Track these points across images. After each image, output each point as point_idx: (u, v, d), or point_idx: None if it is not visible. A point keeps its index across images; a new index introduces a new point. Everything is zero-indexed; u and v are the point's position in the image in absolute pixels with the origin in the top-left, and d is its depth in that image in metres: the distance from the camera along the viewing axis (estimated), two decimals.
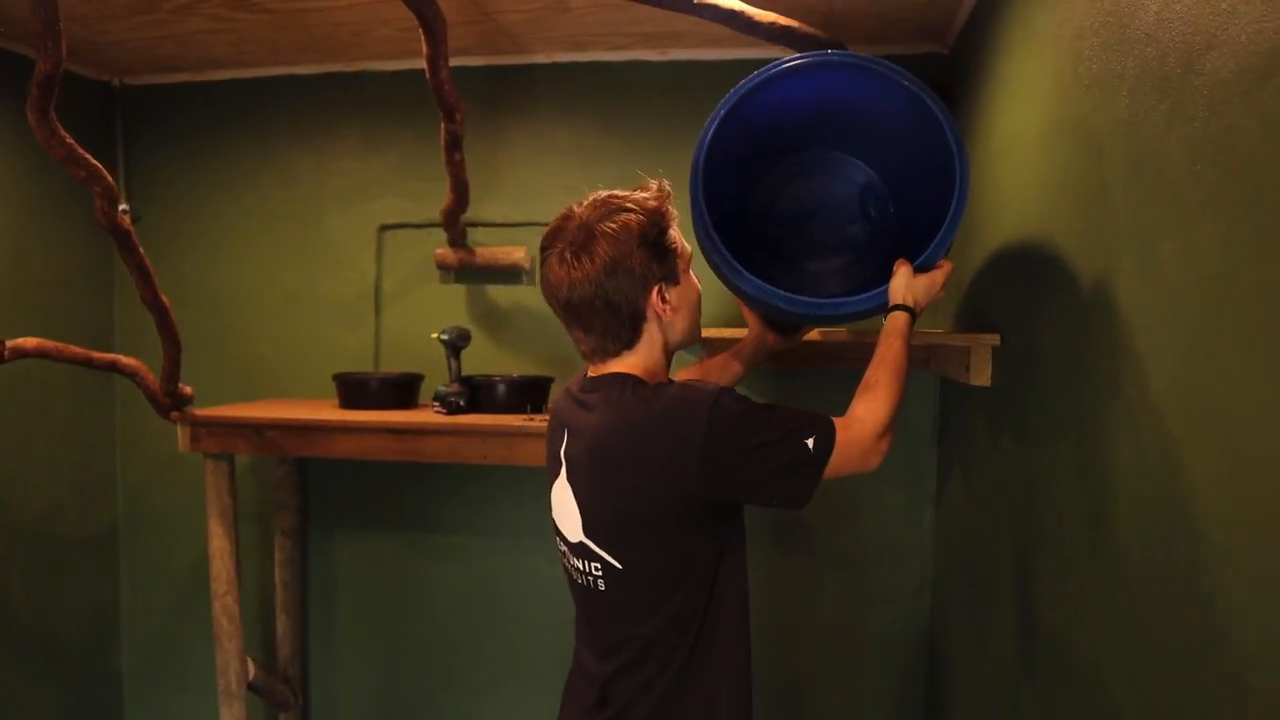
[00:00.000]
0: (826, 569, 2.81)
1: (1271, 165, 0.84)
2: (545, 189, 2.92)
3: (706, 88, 2.81)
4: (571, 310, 1.34)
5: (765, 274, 1.71)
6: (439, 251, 2.93)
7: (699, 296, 1.45)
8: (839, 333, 2.16)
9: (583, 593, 1.39)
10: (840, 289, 2.06)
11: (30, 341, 2.36)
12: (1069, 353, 1.50)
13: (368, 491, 3.07)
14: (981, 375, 2.06)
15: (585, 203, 1.35)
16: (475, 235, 2.94)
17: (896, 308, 1.55)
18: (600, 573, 1.32)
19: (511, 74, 2.94)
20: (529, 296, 2.94)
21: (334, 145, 3.07)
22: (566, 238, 1.32)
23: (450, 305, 2.99)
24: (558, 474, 1.41)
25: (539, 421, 2.36)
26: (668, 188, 1.37)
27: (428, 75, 2.32)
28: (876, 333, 1.61)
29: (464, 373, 2.62)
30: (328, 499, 3.10)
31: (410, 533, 3.06)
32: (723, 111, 1.72)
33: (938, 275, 1.60)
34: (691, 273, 1.43)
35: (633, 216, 1.30)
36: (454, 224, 2.79)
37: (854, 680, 2.83)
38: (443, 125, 2.50)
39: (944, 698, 2.53)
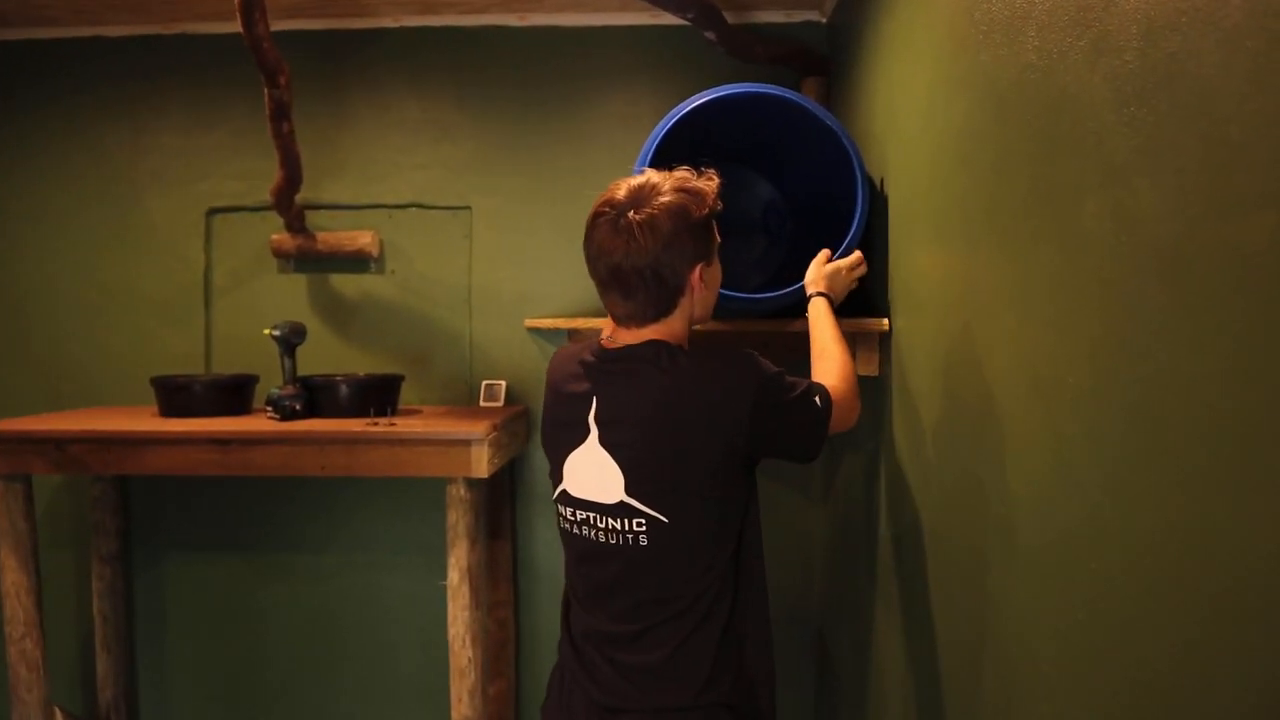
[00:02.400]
0: None
1: (1234, 93, 0.67)
2: (394, 167, 2.65)
3: (570, 55, 2.61)
4: (619, 276, 1.39)
5: None
6: (275, 238, 2.62)
7: (720, 280, 1.56)
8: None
9: (615, 554, 1.42)
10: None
11: None
12: (960, 341, 1.34)
13: (197, 509, 2.73)
14: (869, 364, 1.91)
15: (651, 177, 1.42)
16: (317, 220, 2.64)
17: (814, 295, 1.70)
18: (644, 528, 1.39)
19: (354, 40, 2.65)
20: (379, 286, 2.66)
21: (153, 117, 2.72)
22: (631, 206, 1.38)
23: (290, 298, 2.68)
24: (580, 441, 1.45)
25: (385, 426, 2.10)
26: (718, 179, 1.46)
27: (242, 30, 2.02)
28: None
29: (301, 373, 2.33)
30: (153, 519, 2.75)
31: (246, 553, 2.73)
32: (670, 123, 1.88)
33: (841, 262, 1.75)
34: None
35: (692, 199, 1.39)
36: (287, 205, 2.49)
37: None
38: (266, 91, 2.20)
39: (834, 697, 2.39)
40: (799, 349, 2.45)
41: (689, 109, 1.90)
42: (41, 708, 2.28)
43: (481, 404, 2.54)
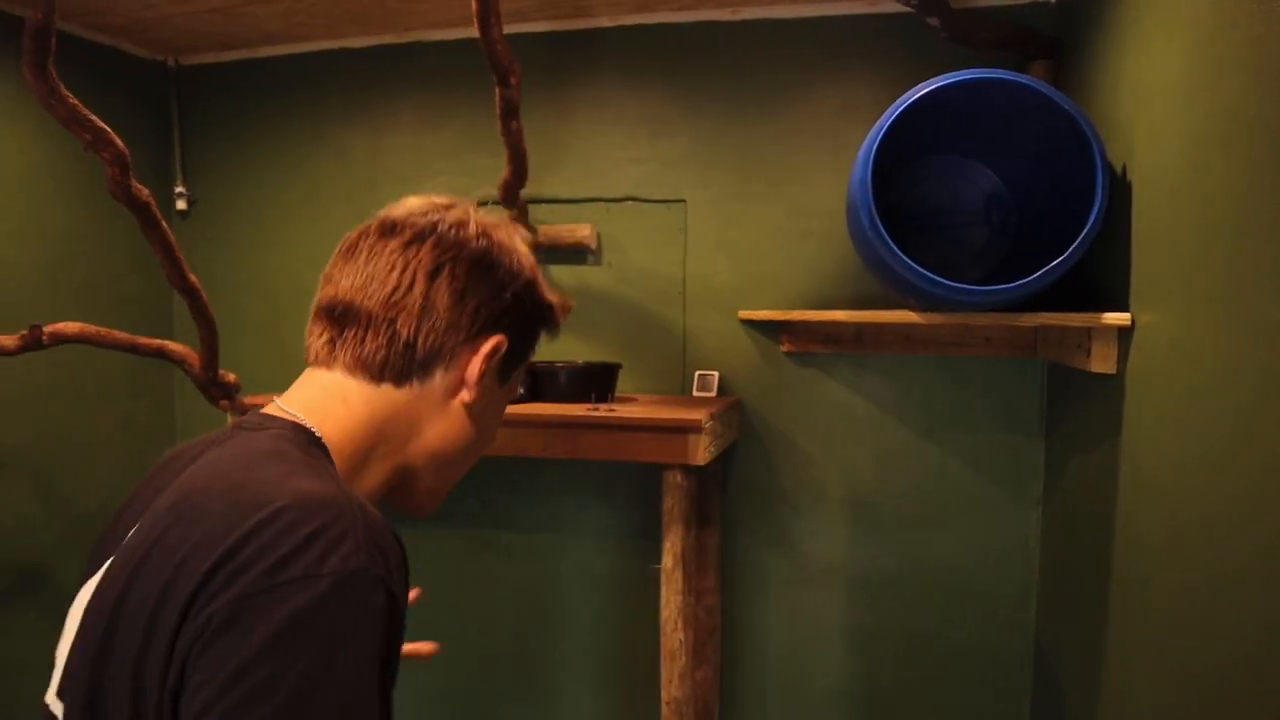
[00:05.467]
0: (919, 575, 2.57)
1: None
2: (611, 163, 2.73)
3: (782, 48, 2.61)
4: None
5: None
6: None
7: None
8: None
9: None
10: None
11: (71, 326, 2.25)
12: (1221, 336, 1.25)
13: None
14: (1105, 361, 1.81)
15: None
16: (537, 213, 2.76)
17: None
18: None
19: (573, 40, 2.75)
20: (596, 278, 2.75)
21: (388, 121, 2.93)
22: None
23: None
24: None
25: (606, 412, 2.17)
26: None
27: (478, 33, 2.14)
28: None
29: None
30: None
31: (464, 528, 2.91)
32: (899, 110, 1.87)
33: None
34: None
35: None
36: (513, 199, 2.61)
37: (950, 697, 2.59)
38: (497, 90, 2.31)
39: (1054, 709, 2.28)
40: (1022, 344, 2.38)
41: (918, 96, 1.86)
42: None
43: (694, 394, 2.58)
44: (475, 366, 0.94)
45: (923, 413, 2.54)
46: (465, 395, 0.94)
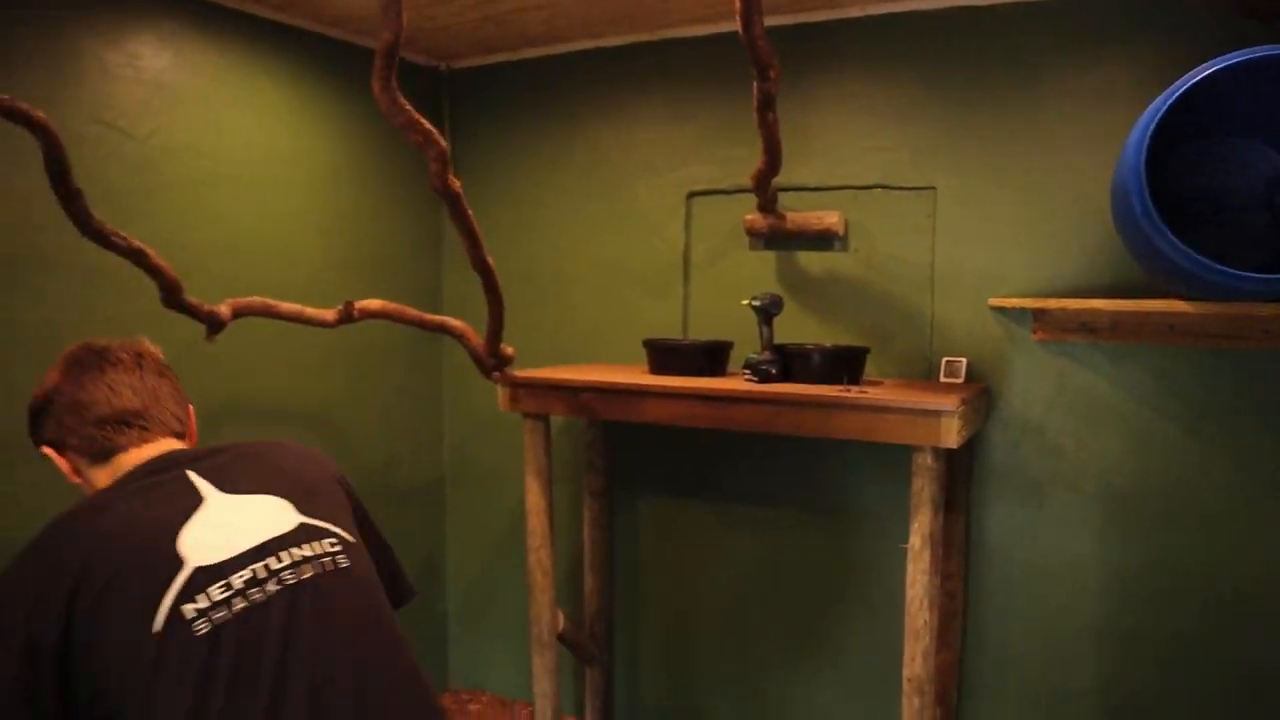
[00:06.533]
0: (1179, 575, 2.47)
1: None
2: (859, 151, 2.77)
3: (1036, 32, 2.56)
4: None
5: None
6: (748, 218, 2.87)
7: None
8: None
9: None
10: None
11: (374, 303, 2.55)
12: None
13: (671, 458, 3.09)
14: None
15: None
16: (786, 200, 2.85)
17: None
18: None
19: (820, 31, 2.81)
20: (843, 264, 2.81)
21: (641, 115, 3.10)
22: None
23: (759, 273, 2.92)
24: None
25: (857, 394, 2.24)
26: None
27: (740, 30, 2.24)
28: None
29: (775, 341, 2.55)
30: (633, 464, 3.16)
31: (711, 503, 3.05)
32: (1178, 91, 1.84)
33: None
34: None
35: None
36: (765, 188, 2.71)
37: (1214, 710, 2.47)
38: (755, 84, 2.41)
39: None
40: None
41: (1200, 78, 1.81)
42: (550, 607, 2.73)
43: (942, 380, 2.60)
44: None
45: (1185, 406, 2.44)
46: None
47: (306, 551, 1.30)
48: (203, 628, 1.15)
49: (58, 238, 2.26)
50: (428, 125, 1.87)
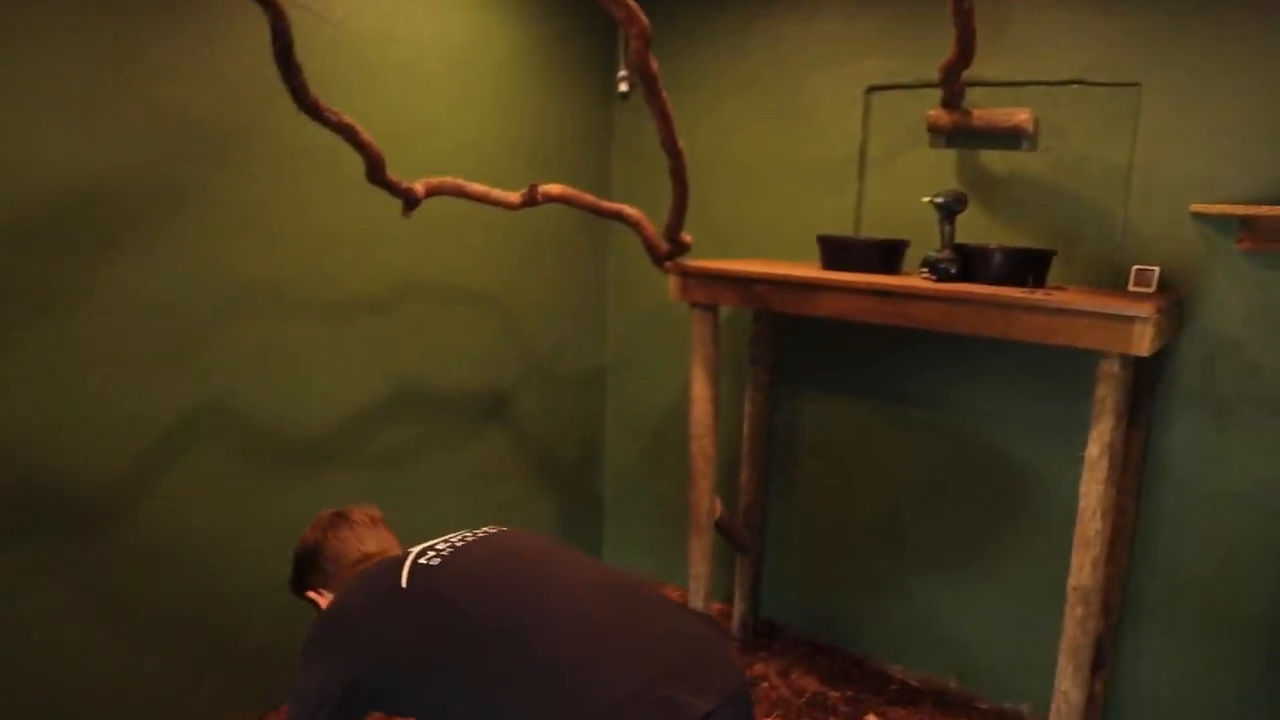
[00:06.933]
0: None
1: None
2: (1054, 45, 2.62)
3: None
4: None
5: None
6: (931, 113, 2.78)
7: None
8: None
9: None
10: None
11: (555, 188, 2.61)
12: None
13: (836, 357, 3.09)
14: None
15: None
16: (973, 96, 2.73)
17: None
18: None
19: None
20: (1029, 164, 2.69)
21: (822, 5, 3.00)
22: None
23: (939, 171, 2.83)
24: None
25: (1040, 296, 2.17)
26: None
27: None
28: None
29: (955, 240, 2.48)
30: (797, 360, 3.17)
31: (875, 401, 3.04)
32: None
33: None
34: None
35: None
36: (953, 81, 2.61)
37: None
38: None
39: None
40: None
41: None
42: (709, 494, 2.81)
43: (1130, 289, 2.49)
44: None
45: None
46: None
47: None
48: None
49: (264, 117, 2.42)
50: (632, 3, 1.88)
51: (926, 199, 2.48)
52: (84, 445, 2.22)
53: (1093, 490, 2.17)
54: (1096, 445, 2.15)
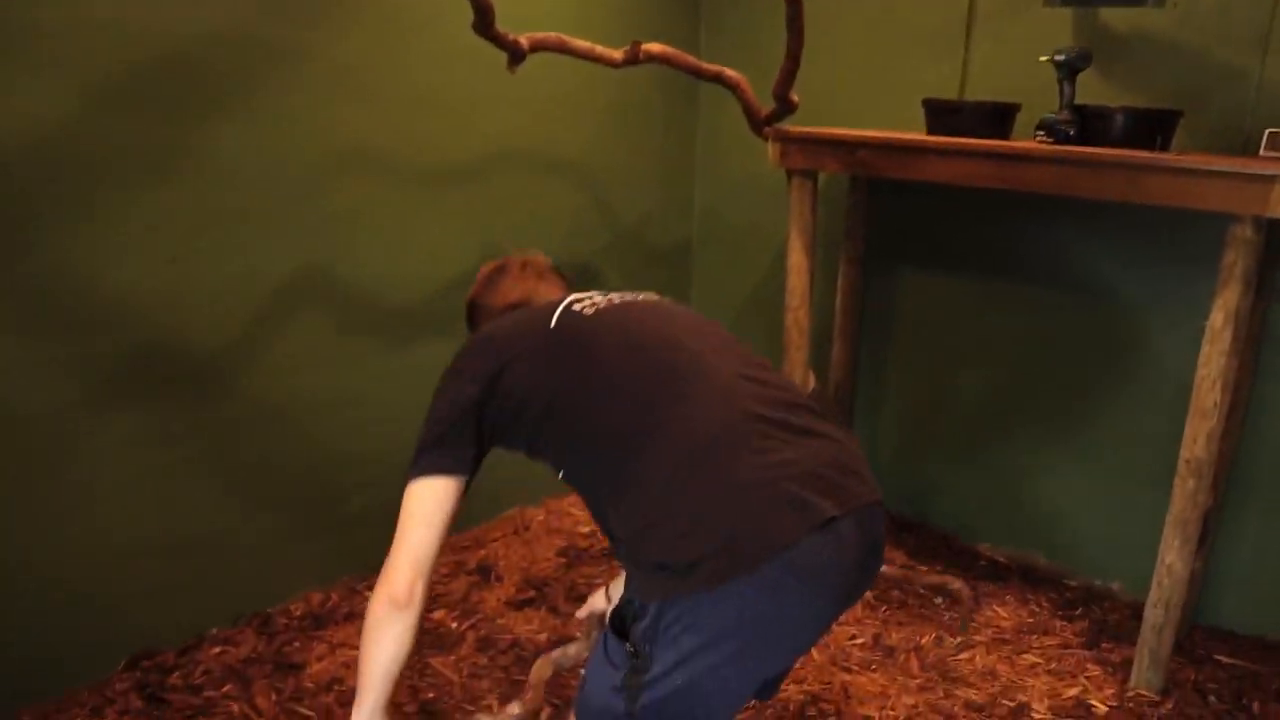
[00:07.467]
0: None
1: None
2: None
3: None
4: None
5: None
6: None
7: None
8: None
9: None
10: None
11: (656, 47, 2.54)
12: None
13: (935, 229, 3.00)
14: None
15: None
16: None
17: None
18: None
19: None
20: (1154, 21, 2.53)
21: None
22: None
23: (1053, 31, 2.67)
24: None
25: (1171, 159, 2.06)
26: None
27: None
28: None
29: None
30: (894, 232, 3.09)
31: (972, 275, 2.95)
32: None
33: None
34: None
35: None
36: None
37: None
38: None
39: None
40: None
41: None
42: (803, 365, 2.80)
43: (1262, 153, 2.35)
44: None
45: None
46: None
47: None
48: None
49: None
50: None
51: (1045, 57, 2.35)
52: (198, 307, 2.27)
53: (1214, 360, 2.10)
54: (1221, 314, 2.07)
